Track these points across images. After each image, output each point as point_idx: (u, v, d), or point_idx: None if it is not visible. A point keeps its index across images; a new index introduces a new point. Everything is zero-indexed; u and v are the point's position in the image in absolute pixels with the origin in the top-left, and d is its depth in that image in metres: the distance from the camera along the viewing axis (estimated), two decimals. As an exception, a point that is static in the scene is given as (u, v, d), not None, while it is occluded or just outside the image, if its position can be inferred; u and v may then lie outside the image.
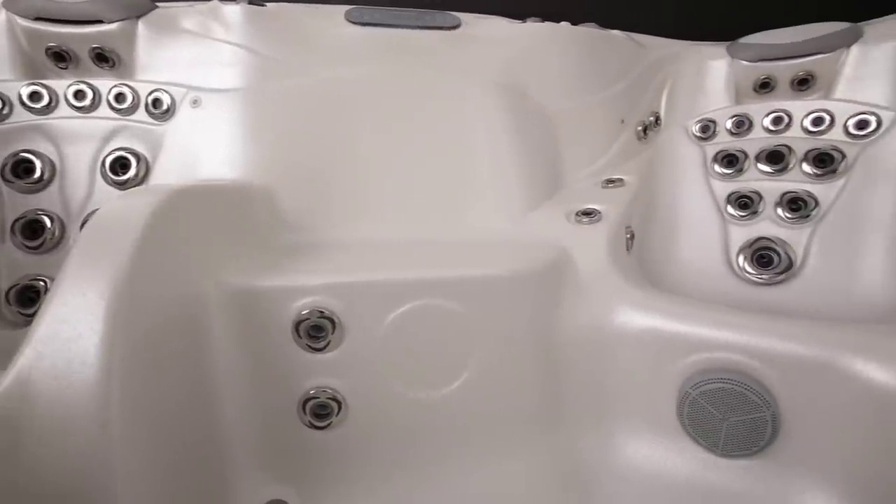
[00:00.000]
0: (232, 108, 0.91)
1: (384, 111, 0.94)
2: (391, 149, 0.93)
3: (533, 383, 0.76)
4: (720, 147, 1.14)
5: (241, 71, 0.93)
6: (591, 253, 0.79)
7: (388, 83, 0.96)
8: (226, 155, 0.90)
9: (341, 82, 0.94)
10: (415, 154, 0.93)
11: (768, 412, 0.61)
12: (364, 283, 0.68)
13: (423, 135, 0.94)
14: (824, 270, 0.96)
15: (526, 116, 0.98)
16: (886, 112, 0.99)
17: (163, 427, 0.51)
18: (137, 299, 0.48)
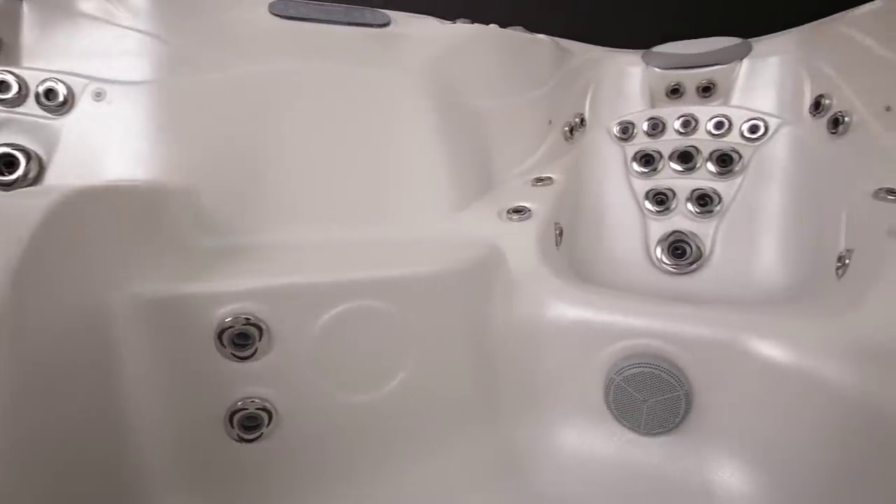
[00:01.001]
0: (143, 103, 0.84)
1: (310, 109, 0.91)
2: (318, 148, 0.90)
3: (469, 378, 0.77)
4: (638, 147, 1.22)
5: (152, 62, 0.86)
6: (521, 249, 0.81)
7: (314, 80, 0.93)
8: (137, 154, 0.83)
9: (265, 78, 0.90)
10: (343, 153, 0.91)
11: (682, 391, 0.66)
12: (293, 287, 0.65)
13: (352, 133, 0.92)
14: (728, 259, 1.06)
15: (455, 115, 0.99)
16: (773, 119, 1.11)
17: (57, 452, 0.46)
18: (23, 313, 0.43)
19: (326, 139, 0.91)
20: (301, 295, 0.66)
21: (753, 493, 0.66)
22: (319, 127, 0.91)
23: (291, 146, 0.89)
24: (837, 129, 0.96)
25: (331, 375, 0.68)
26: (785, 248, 1.02)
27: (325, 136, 0.91)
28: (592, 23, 1.65)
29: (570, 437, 0.78)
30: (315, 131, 0.90)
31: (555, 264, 0.84)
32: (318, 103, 0.92)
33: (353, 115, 0.93)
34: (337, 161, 0.90)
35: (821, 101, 1.02)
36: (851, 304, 0.62)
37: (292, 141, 0.89)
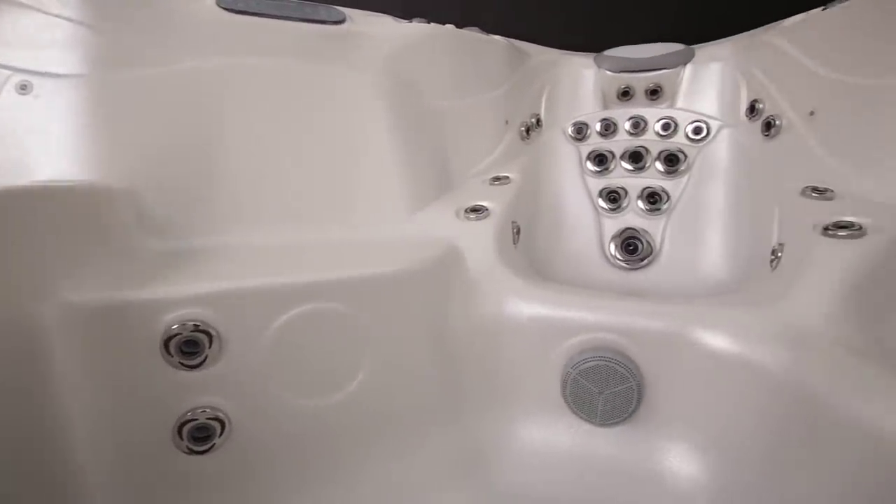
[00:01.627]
0: (75, 98, 0.78)
1: (262, 107, 0.88)
2: (270, 147, 0.87)
3: (430, 377, 0.77)
4: (592, 147, 1.26)
5: (86, 54, 0.80)
6: (479, 248, 0.82)
7: (266, 77, 0.90)
8: (71, 152, 0.77)
9: (213, 74, 0.86)
10: (296, 153, 0.88)
11: (634, 382, 0.69)
12: (244, 291, 0.63)
13: (305, 133, 0.89)
14: (677, 254, 1.12)
15: (412, 115, 0.99)
16: (714, 121, 1.17)
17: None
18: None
19: (279, 138, 0.88)
20: (253, 299, 0.64)
21: (700, 475, 0.69)
22: (271, 125, 0.88)
23: (242, 145, 0.85)
24: (770, 132, 1.03)
25: (286, 381, 0.66)
26: (727, 243, 1.09)
27: (278, 134, 0.88)
28: (546, 26, 1.69)
29: (530, 431, 0.79)
30: (267, 130, 0.87)
31: (512, 262, 0.85)
32: (269, 101, 0.89)
33: (306, 114, 0.90)
34: (290, 161, 0.88)
35: (755, 105, 1.09)
36: (782, 294, 0.66)
37: (243, 139, 0.86)
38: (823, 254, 0.68)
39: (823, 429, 0.53)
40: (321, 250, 0.77)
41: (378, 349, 0.71)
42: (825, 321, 0.61)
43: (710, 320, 0.69)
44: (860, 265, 0.65)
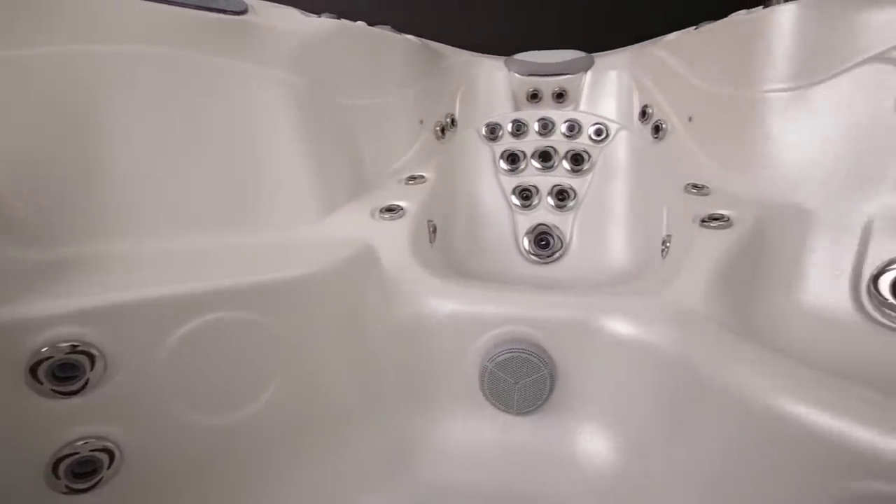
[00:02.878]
0: None
1: (155, 101, 0.80)
2: (162, 144, 0.79)
3: (349, 381, 0.76)
4: (505, 147, 1.31)
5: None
6: (394, 248, 0.82)
7: (159, 69, 0.81)
8: None
9: (96, 61, 0.76)
10: (193, 151, 0.81)
11: (546, 371, 0.72)
12: (133, 304, 0.57)
13: (203, 130, 0.83)
14: (584, 247, 1.20)
15: (321, 113, 0.95)
16: (612, 124, 1.27)
17: None
18: None
19: (172, 135, 0.80)
20: (145, 312, 0.58)
21: (609, 451, 0.75)
22: (163, 121, 0.80)
23: (130, 142, 0.77)
24: (658, 135, 1.14)
25: (187, 399, 0.60)
26: (627, 235, 1.18)
27: (171, 131, 0.80)
28: (458, 28, 1.72)
29: (452, 425, 0.81)
30: (158, 126, 0.79)
31: (429, 261, 0.85)
32: (161, 94, 0.81)
33: (204, 110, 0.83)
34: (186, 160, 0.80)
35: (646, 110, 1.19)
36: (668, 280, 0.73)
37: (131, 136, 0.77)
38: (700, 243, 0.77)
39: (703, 397, 0.59)
40: (224, 256, 0.72)
41: (291, 357, 0.68)
42: (703, 302, 0.68)
43: (611, 308, 0.75)
44: (728, 252, 0.74)
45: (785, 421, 0.49)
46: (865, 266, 0.77)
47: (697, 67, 1.06)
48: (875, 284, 0.75)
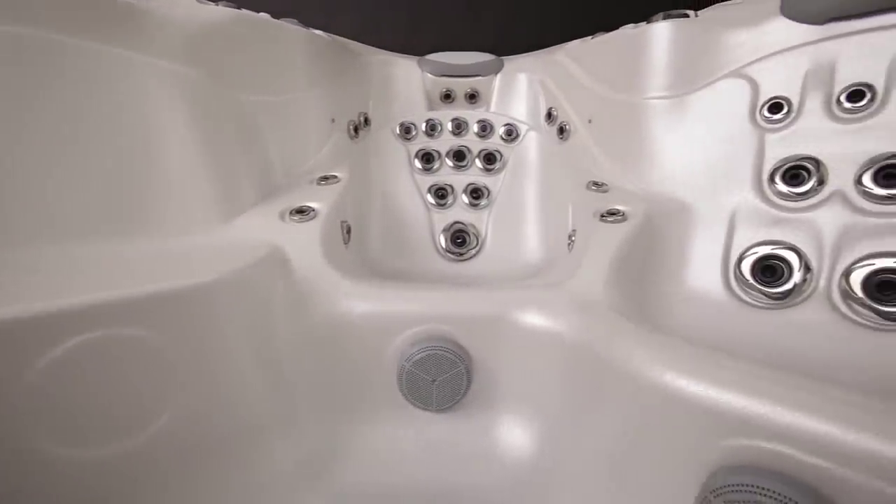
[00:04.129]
0: None
1: (29, 93, 0.69)
2: (41, 142, 0.68)
3: (261, 391, 0.72)
4: (419, 146, 1.32)
5: None
6: (305, 250, 0.78)
7: (35, 58, 0.70)
8: None
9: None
10: (66, 151, 0.71)
11: (463, 366, 0.74)
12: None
13: (80, 127, 0.73)
14: (499, 244, 1.24)
15: (219, 109, 0.88)
16: (522, 125, 1.33)
17: None
18: None
19: (51, 131, 0.70)
20: (3, 333, 0.50)
21: (526, 440, 0.78)
22: (41, 117, 0.69)
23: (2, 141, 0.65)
24: (563, 135, 1.21)
25: (57, 431, 0.53)
26: (539, 231, 1.24)
27: (50, 127, 0.70)
28: (369, 26, 1.70)
29: (372, 428, 0.80)
30: (35, 121, 0.68)
31: (342, 263, 0.83)
32: (40, 87, 0.69)
33: (82, 105, 0.73)
34: (58, 159, 0.70)
35: (551, 112, 1.27)
36: (572, 272, 0.79)
37: (4, 136, 0.66)
38: (599, 236, 0.83)
39: (604, 379, 0.64)
40: (108, 266, 0.64)
41: (191, 373, 0.62)
42: (602, 291, 0.74)
43: (523, 301, 0.78)
44: (623, 244, 0.80)
45: (670, 393, 0.55)
46: (732, 253, 0.88)
47: (594, 74, 1.14)
48: (739, 268, 0.86)
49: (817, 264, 0.80)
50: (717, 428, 0.51)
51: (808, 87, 0.85)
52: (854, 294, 0.75)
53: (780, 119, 0.88)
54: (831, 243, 0.79)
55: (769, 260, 0.84)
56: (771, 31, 0.90)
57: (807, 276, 0.80)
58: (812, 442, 0.46)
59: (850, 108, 0.81)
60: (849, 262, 0.77)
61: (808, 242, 0.82)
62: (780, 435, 0.47)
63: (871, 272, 0.74)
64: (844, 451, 0.44)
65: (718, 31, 0.95)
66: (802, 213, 0.83)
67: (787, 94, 0.87)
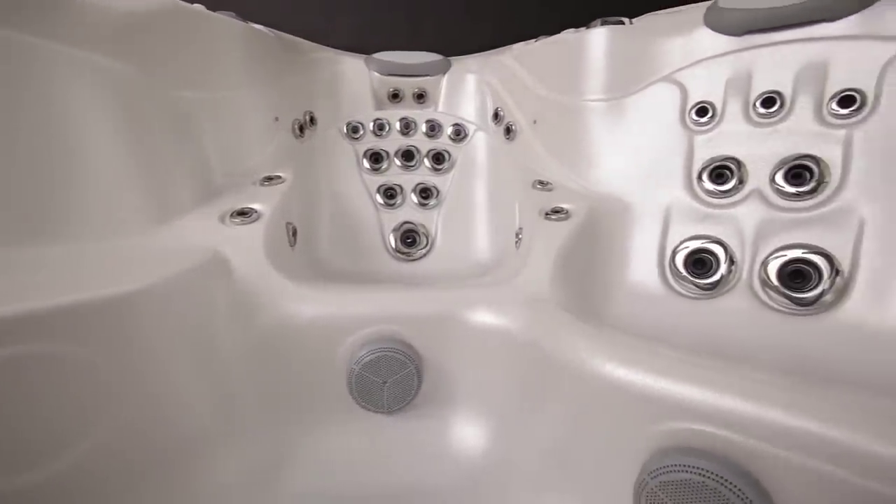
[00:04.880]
0: None
1: None
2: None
3: (202, 402, 0.68)
4: (368, 146, 1.31)
5: None
6: (248, 253, 0.75)
7: None
8: None
9: None
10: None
11: (413, 366, 0.74)
12: None
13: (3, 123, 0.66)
14: (449, 243, 1.25)
15: (149, 105, 0.83)
16: (470, 125, 1.35)
17: None
18: None
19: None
20: None
21: (478, 437, 0.79)
22: None
23: None
24: (510, 136, 1.24)
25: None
26: (488, 230, 1.26)
27: None
28: (312, 22, 1.66)
29: (323, 433, 0.78)
30: None
31: (288, 265, 0.81)
32: None
33: (2, 98, 0.66)
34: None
35: (498, 112, 1.29)
36: (520, 269, 0.81)
37: None
38: (545, 234, 0.85)
39: (551, 372, 0.66)
40: (21, 275, 0.59)
41: (125, 387, 0.58)
42: (548, 287, 0.76)
43: (472, 299, 0.79)
44: (566, 241, 0.83)
45: (610, 383, 0.57)
46: (667, 247, 0.93)
47: (537, 76, 1.17)
48: (673, 262, 0.92)
49: (740, 256, 0.87)
50: (653, 413, 0.54)
51: (729, 93, 0.92)
52: (771, 283, 0.82)
53: (706, 122, 0.94)
54: (751, 237, 0.86)
55: (699, 253, 0.90)
56: (696, 41, 0.96)
57: (731, 267, 0.87)
58: (735, 421, 0.49)
59: (764, 114, 0.88)
60: (766, 253, 0.84)
61: (732, 236, 0.88)
62: (707, 416, 0.51)
63: (785, 262, 0.82)
64: (764, 427, 0.48)
65: (650, 38, 1.01)
66: (727, 209, 0.90)
67: (712, 100, 0.94)
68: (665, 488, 0.51)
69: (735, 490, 0.48)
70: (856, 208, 0.78)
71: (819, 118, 0.83)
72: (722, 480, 0.49)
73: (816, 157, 0.82)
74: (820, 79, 0.83)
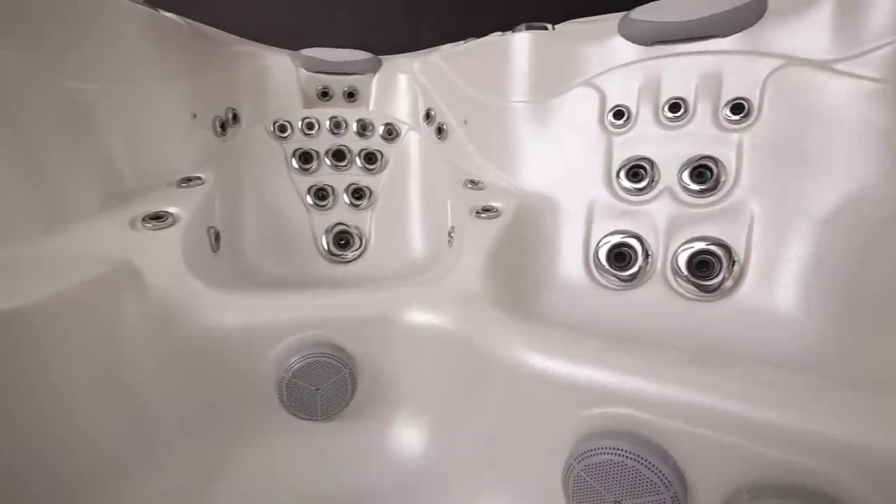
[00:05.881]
0: None
1: None
2: None
3: (113, 425, 0.63)
4: (297, 145, 1.26)
5: None
6: (163, 261, 0.70)
7: None
8: None
9: None
10: None
11: (347, 370, 0.73)
12: None
13: None
14: (384, 243, 1.24)
15: (35, 97, 0.74)
16: (403, 124, 1.34)
17: None
18: None
19: None
20: None
21: (418, 435, 0.79)
22: None
23: None
24: (441, 135, 1.25)
25: None
26: (421, 229, 1.27)
27: None
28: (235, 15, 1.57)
29: (254, 447, 0.74)
30: None
31: (211, 272, 0.76)
32: None
33: None
34: None
35: (429, 112, 1.30)
36: (452, 267, 0.82)
37: None
38: (475, 232, 0.87)
39: (483, 367, 0.68)
40: None
41: (15, 416, 0.52)
42: (480, 284, 0.78)
43: (406, 299, 0.79)
44: (497, 238, 0.86)
45: (537, 373, 0.60)
46: (591, 242, 0.99)
47: (466, 77, 1.19)
48: (597, 256, 0.97)
49: (655, 249, 0.94)
50: (577, 400, 0.57)
51: (641, 98, 0.99)
52: (681, 272, 0.90)
53: (622, 124, 1.01)
54: (664, 231, 0.94)
55: (620, 247, 0.96)
56: (612, 48, 1.03)
57: (647, 259, 0.94)
58: (648, 402, 0.54)
59: (671, 118, 0.96)
60: (676, 246, 0.92)
61: (647, 231, 0.95)
62: (624, 399, 0.55)
63: (692, 254, 0.90)
64: (672, 405, 0.53)
65: (571, 44, 1.06)
66: (642, 205, 0.97)
67: (627, 103, 1.01)
68: (589, 471, 0.54)
69: (651, 467, 0.52)
70: (747, 203, 0.87)
71: (716, 123, 0.92)
72: (639, 459, 0.52)
73: (715, 158, 0.91)
74: (716, 87, 0.92)
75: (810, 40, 0.83)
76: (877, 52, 0.76)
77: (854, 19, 0.79)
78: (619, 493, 0.53)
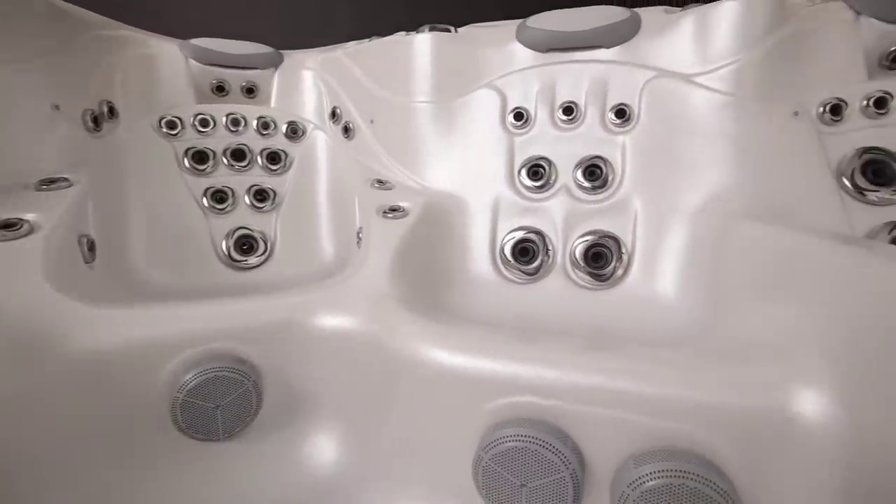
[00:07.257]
0: None
1: None
2: None
3: None
4: (189, 144, 1.16)
5: None
6: (17, 277, 0.61)
7: None
8: None
9: None
10: None
11: (250, 383, 0.69)
12: None
13: None
14: (290, 246, 1.18)
15: None
16: (308, 123, 1.29)
17: None
18: None
19: None
20: None
21: (332, 443, 0.77)
22: None
23: None
24: (348, 134, 1.22)
25: None
26: (331, 230, 1.23)
27: None
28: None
29: (149, 481, 0.67)
30: None
31: (84, 287, 0.68)
32: None
33: None
34: None
35: (336, 111, 1.26)
36: (360, 267, 0.81)
37: None
38: (383, 232, 0.87)
39: (393, 367, 0.68)
40: None
41: None
42: (388, 283, 0.78)
43: (311, 303, 0.77)
44: (403, 237, 0.86)
45: (444, 369, 0.61)
46: (497, 239, 1.03)
47: (372, 76, 1.18)
48: (503, 251, 1.02)
49: (555, 243, 1.00)
50: (483, 392, 0.60)
51: (539, 101, 1.05)
52: (579, 264, 0.97)
53: (522, 125, 1.06)
54: (562, 226, 1.00)
55: (523, 243, 1.01)
56: (511, 53, 1.07)
57: (548, 253, 1.00)
58: (546, 388, 0.57)
59: (565, 120, 1.03)
60: (573, 239, 0.99)
61: (547, 226, 1.01)
62: (524, 387, 0.58)
63: (587, 246, 0.97)
64: (567, 389, 0.57)
65: (473, 47, 1.09)
66: (542, 202, 1.02)
67: (526, 106, 1.06)
68: (496, 459, 0.57)
69: (552, 448, 0.56)
70: (631, 200, 0.96)
71: (604, 126, 1.00)
72: (540, 442, 0.56)
73: (604, 158, 0.99)
74: (602, 93, 1.00)
75: (676, 55, 0.94)
76: (723, 70, 0.88)
77: (706, 39, 0.91)
78: (525, 476, 0.56)
